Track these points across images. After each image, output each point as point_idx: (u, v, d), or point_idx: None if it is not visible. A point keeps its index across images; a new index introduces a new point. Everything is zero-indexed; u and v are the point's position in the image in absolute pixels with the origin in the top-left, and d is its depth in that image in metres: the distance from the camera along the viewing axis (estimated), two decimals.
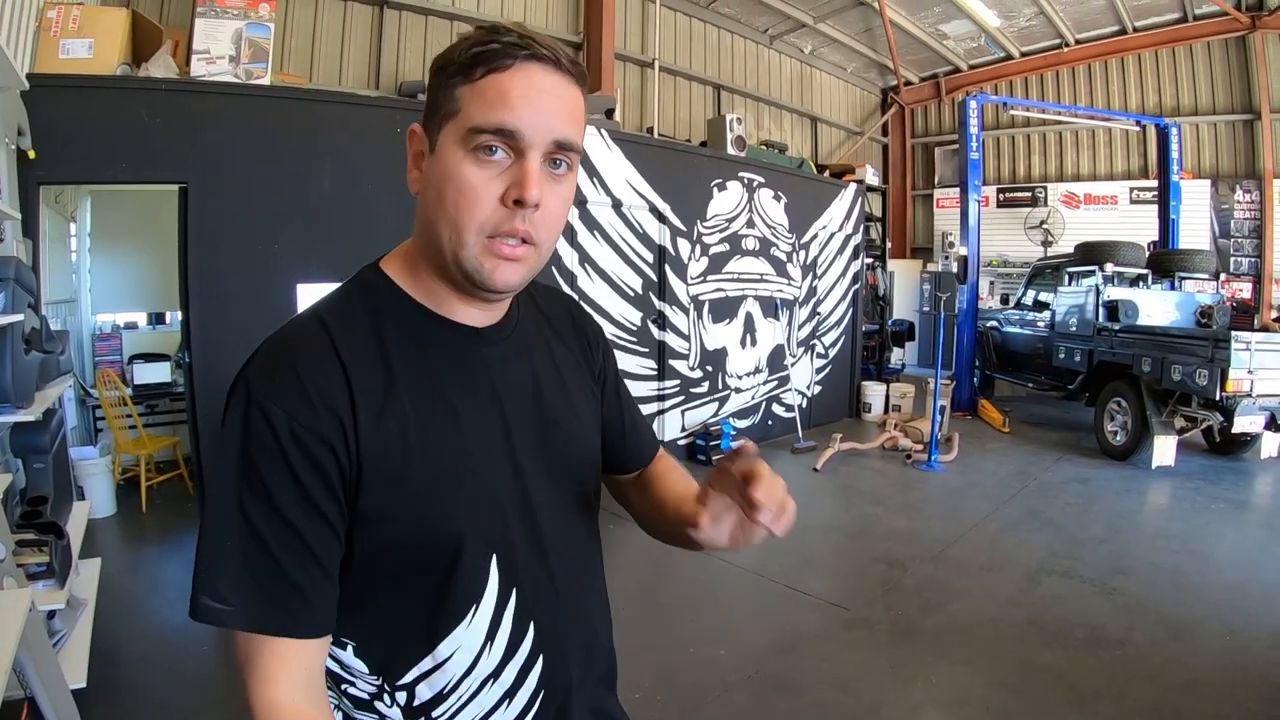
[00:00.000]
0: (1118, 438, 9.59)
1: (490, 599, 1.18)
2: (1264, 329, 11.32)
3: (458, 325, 1.20)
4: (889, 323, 14.69)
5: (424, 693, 1.18)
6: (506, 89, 1.04)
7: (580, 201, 7.84)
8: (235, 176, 5.74)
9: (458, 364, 1.20)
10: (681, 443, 9.17)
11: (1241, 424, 8.38)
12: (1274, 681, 4.34)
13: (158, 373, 8.10)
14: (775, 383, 10.49)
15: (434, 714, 1.19)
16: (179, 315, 6.79)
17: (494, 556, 1.18)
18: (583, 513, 1.37)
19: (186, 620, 1.04)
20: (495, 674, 1.21)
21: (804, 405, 11.00)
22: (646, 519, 1.56)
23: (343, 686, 1.20)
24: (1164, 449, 8.89)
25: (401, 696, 1.18)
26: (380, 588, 1.13)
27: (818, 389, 11.48)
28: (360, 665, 1.17)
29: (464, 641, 1.17)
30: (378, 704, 1.19)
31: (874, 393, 12.14)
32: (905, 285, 17.54)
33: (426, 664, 1.17)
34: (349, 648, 1.17)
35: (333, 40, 9.46)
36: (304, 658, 1.06)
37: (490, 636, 1.20)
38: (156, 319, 9.18)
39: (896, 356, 14.97)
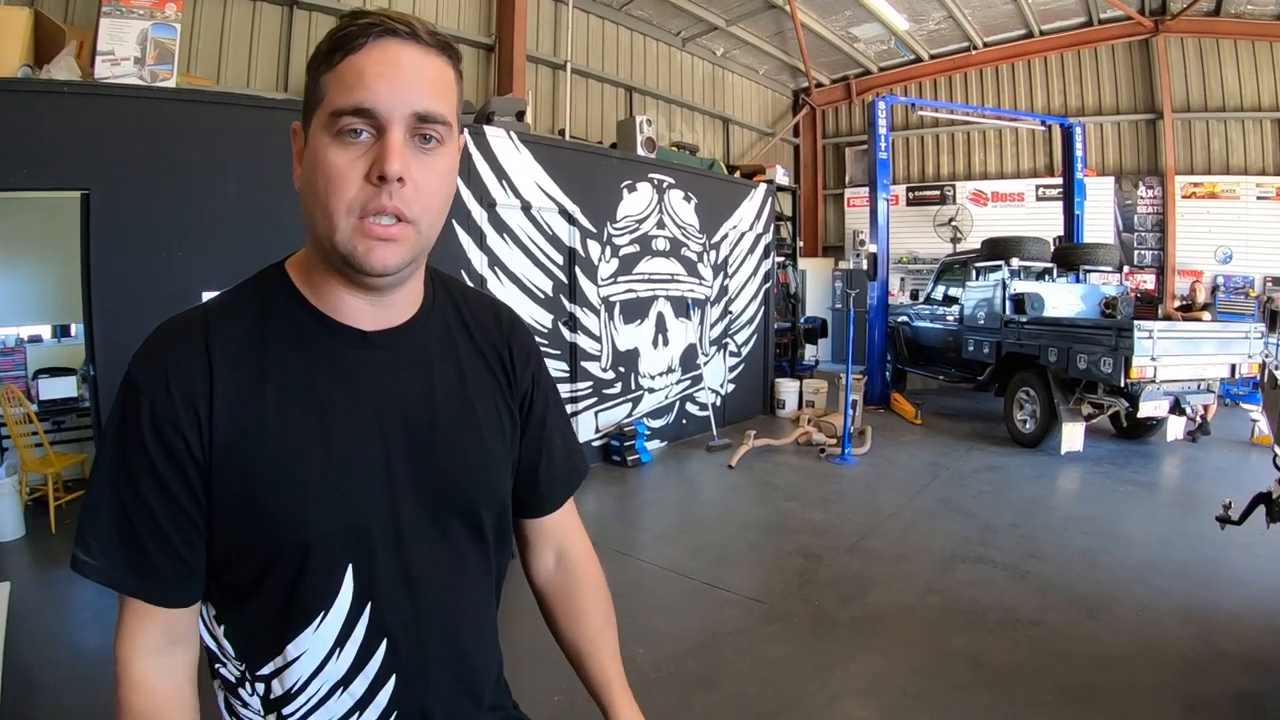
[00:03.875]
0: (1027, 426, 9.75)
1: (341, 608, 1.17)
2: (1167, 318, 11.59)
3: (344, 327, 1.18)
4: (802, 320, 14.74)
5: (276, 688, 1.19)
6: (361, 68, 1.05)
7: (489, 204, 7.68)
8: (139, 182, 5.46)
9: (338, 367, 1.18)
10: (596, 444, 9.02)
11: (1146, 409, 8.60)
12: (1187, 654, 4.38)
13: (64, 387, 7.64)
14: (689, 382, 10.38)
15: (284, 711, 1.20)
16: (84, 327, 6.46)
17: (350, 567, 1.16)
18: (469, 539, 1.31)
19: (103, 643, 1.00)
20: (344, 682, 1.20)
21: (718, 403, 10.93)
22: (542, 596, 1.60)
23: (216, 666, 1.24)
24: (1072, 435, 9.03)
25: (260, 687, 1.20)
26: (240, 578, 1.15)
27: (731, 387, 11.44)
28: (229, 647, 1.21)
29: (311, 646, 1.17)
30: (241, 690, 1.22)
31: (788, 389, 12.14)
32: (818, 283, 17.74)
33: (278, 661, 1.18)
34: (222, 627, 1.20)
35: (241, 41, 9.13)
36: (159, 623, 1.12)
37: (340, 644, 1.18)
38: (62, 331, 8.65)
39: (810, 353, 15.01)
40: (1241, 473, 8.27)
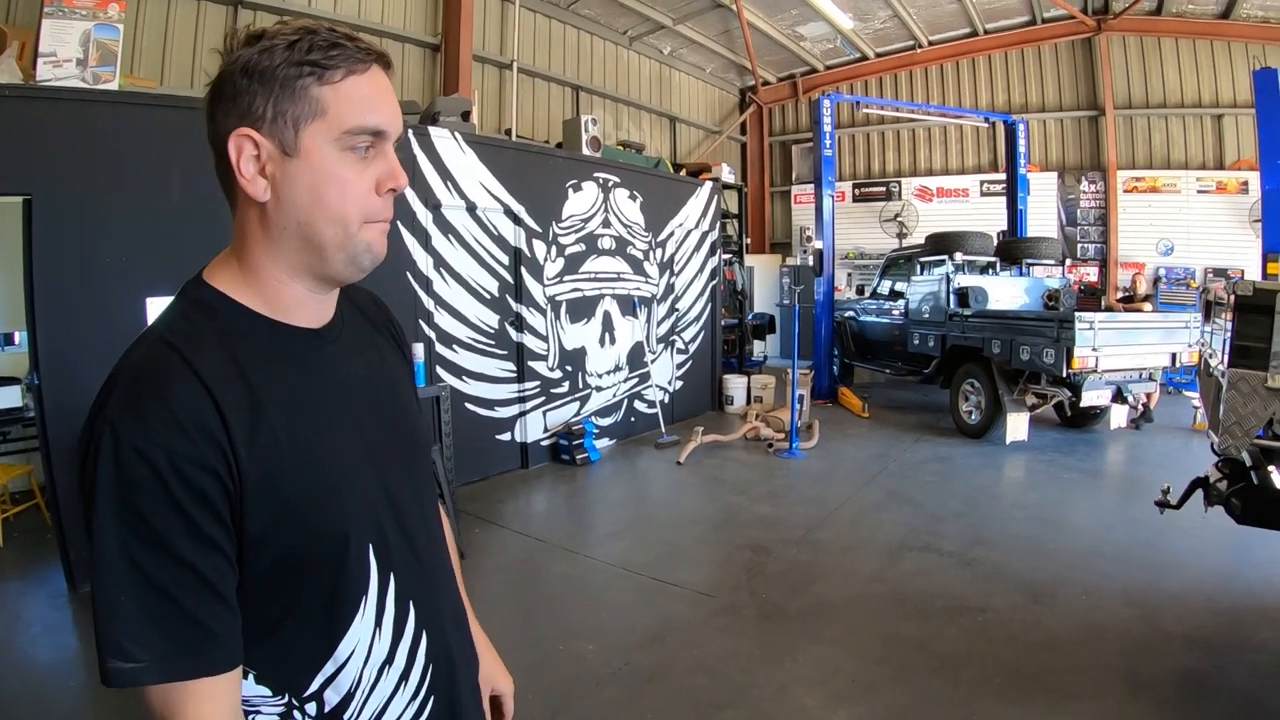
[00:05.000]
0: (972, 417, 9.86)
1: (374, 588, 1.22)
2: (1108, 309, 11.77)
3: (300, 330, 1.21)
4: (749, 316, 14.80)
5: (331, 697, 1.19)
6: (369, 93, 1.12)
7: (434, 205, 7.60)
8: (82, 187, 5.32)
9: (308, 368, 1.21)
10: (545, 443, 8.96)
11: (1089, 398, 8.77)
12: (1130, 635, 4.44)
13: (8, 397, 7.36)
14: (636, 380, 10.36)
15: (345, 716, 1.21)
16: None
17: (370, 546, 1.21)
18: (429, 494, 1.42)
19: (53, 657, 0.87)
20: (389, 658, 1.24)
21: (666, 401, 10.91)
22: None
23: (249, 718, 1.16)
24: (1017, 425, 9.19)
25: (312, 708, 1.18)
26: (275, 605, 1.12)
27: (679, 384, 11.42)
28: (263, 691, 1.16)
29: (360, 635, 1.20)
30: None
31: (735, 385, 12.16)
32: (765, 279, 17.87)
33: (329, 668, 1.18)
34: (250, 676, 1.14)
35: (185, 41, 8.88)
36: (224, 694, 1.04)
37: (378, 623, 1.23)
38: (5, 340, 8.44)
39: (759, 349, 15.08)
40: (1183, 458, 8.40)
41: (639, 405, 10.46)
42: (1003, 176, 15.17)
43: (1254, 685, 3.93)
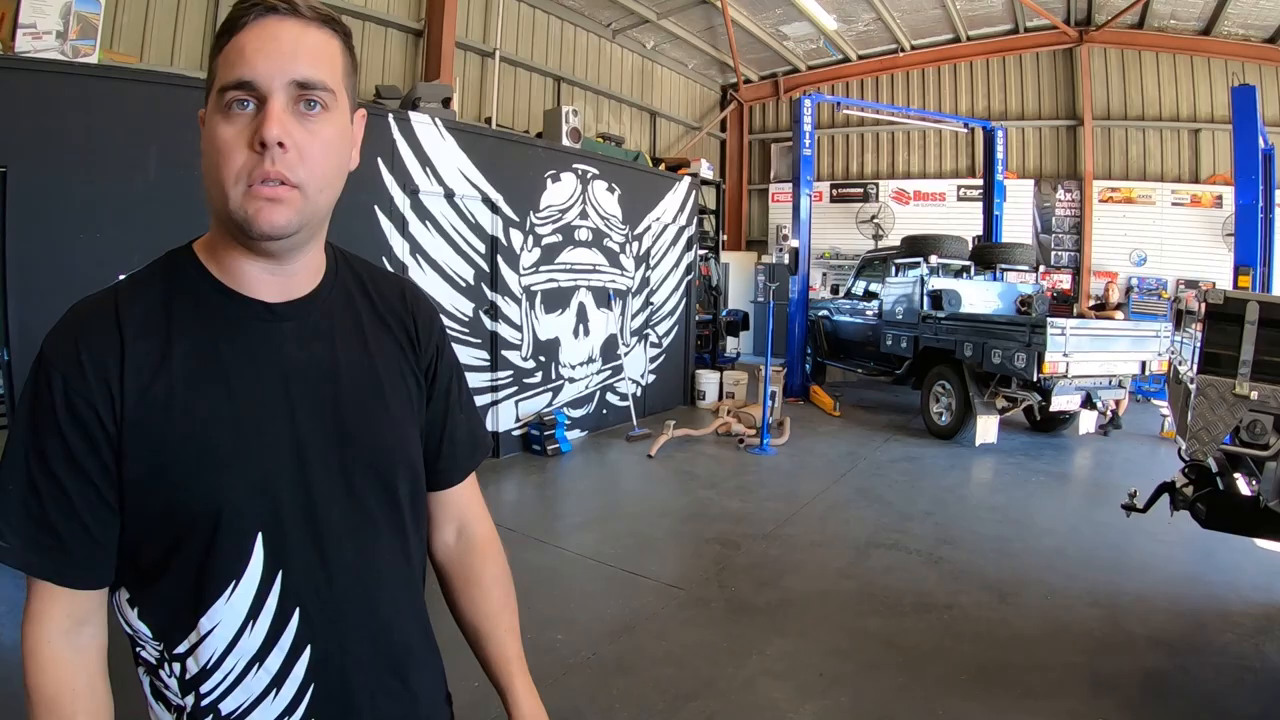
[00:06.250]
0: (943, 418, 9.92)
1: (252, 578, 1.17)
2: (1080, 316, 11.87)
3: (249, 301, 1.20)
4: (723, 313, 14.82)
5: (192, 666, 1.18)
6: (243, 45, 1.09)
7: (412, 191, 7.56)
8: (59, 161, 5.26)
9: (243, 340, 1.19)
10: (516, 433, 8.93)
11: (1059, 403, 8.84)
12: (1093, 635, 4.49)
13: None
14: (609, 372, 10.35)
15: (202, 689, 1.18)
16: None
17: (260, 535, 1.17)
18: (383, 504, 1.31)
19: (18, 637, 0.90)
20: (260, 657, 1.19)
21: (638, 394, 10.90)
22: (442, 572, 1.58)
23: (136, 650, 1.22)
24: (986, 428, 9.25)
25: (177, 667, 1.19)
26: (157, 550, 1.15)
27: (652, 378, 11.40)
28: (144, 628, 1.20)
29: (224, 617, 1.17)
30: (161, 671, 1.21)
31: (708, 380, 12.16)
32: (741, 276, 17.88)
33: (193, 637, 1.16)
34: (136, 610, 1.20)
35: (166, 17, 8.77)
36: (68, 605, 1.12)
37: (253, 615, 1.18)
38: None
39: (732, 345, 15.08)
40: (1150, 464, 8.48)
41: (611, 398, 10.44)
42: (980, 182, 15.27)
43: (1216, 687, 3.97)
